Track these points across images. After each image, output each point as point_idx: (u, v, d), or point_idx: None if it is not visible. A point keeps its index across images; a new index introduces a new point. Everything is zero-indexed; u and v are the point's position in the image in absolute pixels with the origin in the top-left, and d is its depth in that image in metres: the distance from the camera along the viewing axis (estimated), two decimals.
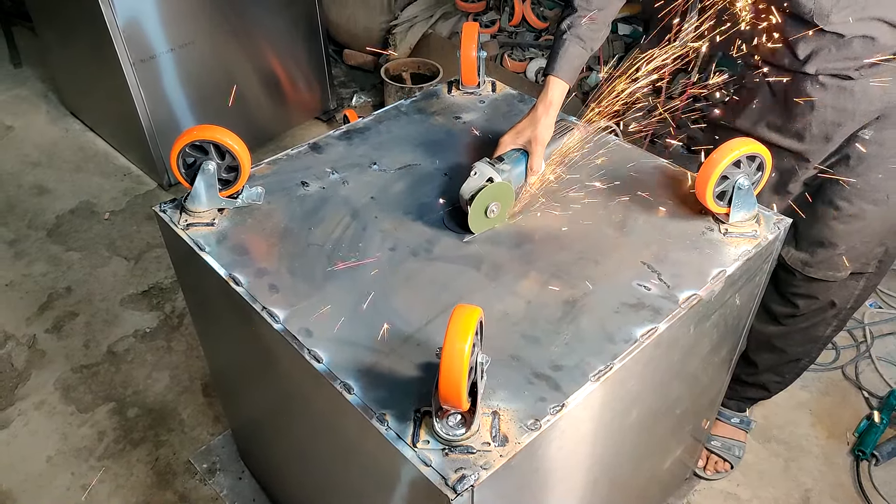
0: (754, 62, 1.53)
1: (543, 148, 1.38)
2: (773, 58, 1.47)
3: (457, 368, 0.89)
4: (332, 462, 1.32)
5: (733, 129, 1.61)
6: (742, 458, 2.05)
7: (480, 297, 1.20)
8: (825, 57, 1.39)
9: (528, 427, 0.99)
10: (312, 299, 1.19)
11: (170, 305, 2.58)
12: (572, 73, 1.41)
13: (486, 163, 1.34)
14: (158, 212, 1.38)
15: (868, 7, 1.30)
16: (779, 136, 1.54)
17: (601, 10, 1.40)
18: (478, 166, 1.33)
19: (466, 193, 1.31)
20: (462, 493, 0.91)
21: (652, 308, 1.17)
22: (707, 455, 2.04)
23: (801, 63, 1.41)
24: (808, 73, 1.42)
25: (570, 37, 1.40)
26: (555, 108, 1.39)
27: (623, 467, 1.43)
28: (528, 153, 1.38)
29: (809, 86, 1.44)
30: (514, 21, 3.47)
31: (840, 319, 1.75)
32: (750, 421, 2.08)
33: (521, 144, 1.39)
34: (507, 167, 1.35)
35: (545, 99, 1.39)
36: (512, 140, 1.40)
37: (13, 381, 2.32)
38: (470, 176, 1.32)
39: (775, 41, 1.44)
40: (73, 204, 3.08)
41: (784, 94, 1.50)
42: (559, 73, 1.40)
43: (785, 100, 1.50)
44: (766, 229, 1.34)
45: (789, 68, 1.45)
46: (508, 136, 1.41)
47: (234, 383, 1.70)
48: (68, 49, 3.19)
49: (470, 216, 1.30)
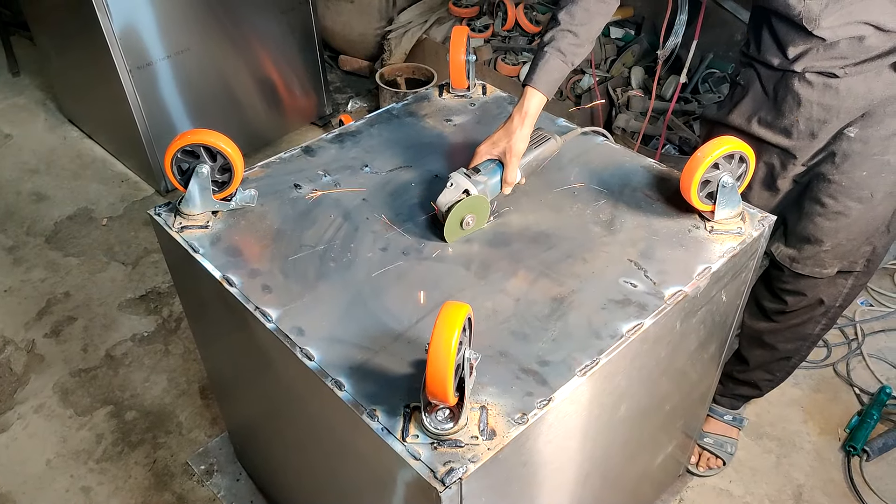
0: (746, 60, 1.56)
1: (518, 160, 1.39)
2: (763, 57, 1.50)
3: (443, 364, 0.91)
4: (326, 459, 1.34)
5: (726, 126, 1.63)
6: (734, 454, 2.07)
7: (469, 295, 1.22)
8: (813, 56, 1.41)
9: (515, 421, 1.01)
10: (305, 299, 1.21)
11: (167, 310, 2.60)
12: (551, 86, 1.42)
13: (462, 174, 1.35)
14: (153, 215, 1.40)
15: (855, 12, 1.33)
16: (769, 132, 1.56)
17: (584, 26, 1.41)
18: (454, 177, 1.34)
19: (443, 206, 1.32)
20: (450, 485, 0.93)
21: (638, 304, 1.20)
22: (700, 452, 2.06)
23: (790, 62, 1.44)
24: (795, 70, 1.45)
25: (551, 50, 1.41)
26: (531, 119, 1.40)
27: (614, 462, 1.45)
28: (503, 164, 1.39)
29: (797, 83, 1.47)
30: (508, 26, 3.50)
31: (829, 318, 1.77)
32: (742, 419, 2.10)
33: (496, 155, 1.40)
34: (482, 178, 1.36)
35: (521, 110, 1.40)
36: (488, 150, 1.41)
37: (12, 385, 2.34)
38: (446, 187, 1.34)
39: (766, 41, 1.47)
40: (71, 210, 3.10)
41: (774, 91, 1.52)
42: (537, 85, 1.41)
43: (775, 97, 1.53)
44: (751, 226, 1.36)
45: (779, 67, 1.48)
46: (484, 147, 1.42)
47: (229, 385, 1.72)
48: (66, 57, 3.21)
49: (446, 228, 1.32)
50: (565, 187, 1.47)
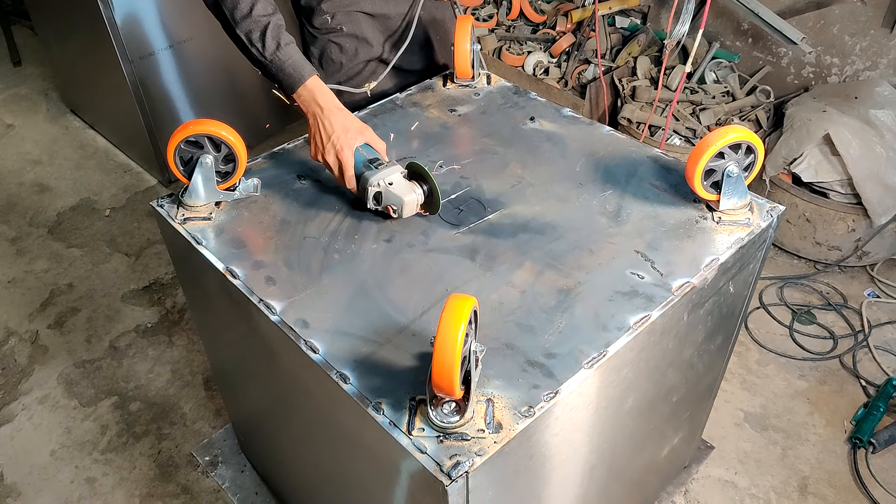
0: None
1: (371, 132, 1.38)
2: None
3: (449, 356, 0.90)
4: (330, 452, 1.33)
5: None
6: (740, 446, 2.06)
7: (475, 287, 1.21)
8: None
9: (522, 414, 1.00)
10: (309, 291, 1.21)
11: (170, 301, 2.60)
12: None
13: (378, 169, 1.32)
14: (156, 207, 1.39)
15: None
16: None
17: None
18: (392, 177, 1.31)
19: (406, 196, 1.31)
20: (457, 479, 0.92)
21: (645, 296, 1.18)
22: None
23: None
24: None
25: (287, 44, 1.38)
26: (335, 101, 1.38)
27: (620, 455, 1.44)
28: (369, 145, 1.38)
29: None
30: (512, 15, 3.47)
31: None
32: None
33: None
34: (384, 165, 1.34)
35: (329, 100, 1.37)
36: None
37: (16, 377, 2.34)
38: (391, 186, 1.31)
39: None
40: (73, 201, 3.09)
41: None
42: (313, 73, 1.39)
43: None
44: (760, 217, 1.35)
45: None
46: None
47: (233, 376, 1.71)
48: (68, 47, 3.20)
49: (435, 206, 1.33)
50: (571, 178, 1.45)
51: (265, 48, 1.36)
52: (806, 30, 2.74)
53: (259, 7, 1.37)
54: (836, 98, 2.57)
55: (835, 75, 2.80)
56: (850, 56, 2.72)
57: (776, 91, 2.90)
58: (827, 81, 2.83)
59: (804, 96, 2.71)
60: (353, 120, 1.37)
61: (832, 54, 2.76)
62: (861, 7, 2.61)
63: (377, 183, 1.30)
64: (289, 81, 1.37)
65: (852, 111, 2.47)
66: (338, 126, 1.34)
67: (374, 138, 1.38)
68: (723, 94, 2.92)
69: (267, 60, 1.37)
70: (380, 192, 1.30)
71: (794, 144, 2.54)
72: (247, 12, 1.36)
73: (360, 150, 1.35)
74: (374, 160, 1.34)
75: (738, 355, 2.36)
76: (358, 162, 1.34)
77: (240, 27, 1.37)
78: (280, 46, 1.36)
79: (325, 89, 1.38)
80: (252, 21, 1.36)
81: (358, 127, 1.37)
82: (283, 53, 1.36)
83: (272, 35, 1.36)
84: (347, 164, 1.33)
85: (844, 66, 2.75)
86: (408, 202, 1.30)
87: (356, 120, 1.38)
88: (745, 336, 2.43)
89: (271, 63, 1.37)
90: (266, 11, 1.37)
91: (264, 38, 1.36)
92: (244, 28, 1.36)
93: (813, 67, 2.84)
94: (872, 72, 2.69)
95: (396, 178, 1.31)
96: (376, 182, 1.30)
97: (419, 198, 1.31)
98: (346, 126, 1.35)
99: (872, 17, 2.60)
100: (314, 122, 1.37)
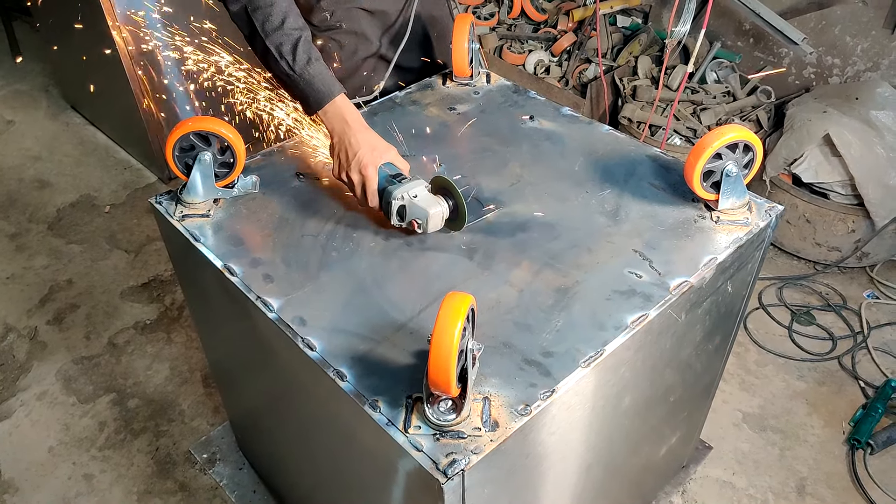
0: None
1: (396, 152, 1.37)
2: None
3: (446, 354, 0.90)
4: (328, 450, 1.33)
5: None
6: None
7: (473, 286, 1.21)
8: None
9: (518, 412, 1.00)
10: (306, 288, 1.20)
11: (170, 298, 2.60)
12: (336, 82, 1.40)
13: (404, 184, 1.30)
14: (154, 203, 1.39)
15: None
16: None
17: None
18: (416, 190, 1.29)
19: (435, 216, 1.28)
20: (453, 477, 0.92)
21: (643, 295, 1.18)
22: None
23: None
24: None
25: (317, 59, 1.38)
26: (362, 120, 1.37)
27: (617, 454, 1.44)
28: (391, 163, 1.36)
29: None
30: (514, 13, 3.46)
31: None
32: None
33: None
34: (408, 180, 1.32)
35: (356, 118, 1.37)
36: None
37: (15, 373, 2.34)
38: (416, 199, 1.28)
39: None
40: (73, 197, 3.09)
41: None
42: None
43: None
44: (758, 217, 1.34)
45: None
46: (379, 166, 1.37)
47: (231, 374, 1.71)
48: (68, 43, 3.19)
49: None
50: (569, 176, 1.45)
51: (295, 61, 1.35)
52: (807, 30, 2.74)
53: (291, 21, 1.36)
54: (836, 99, 2.56)
55: (836, 76, 2.80)
56: (851, 57, 2.72)
57: (777, 91, 2.90)
58: (828, 82, 2.82)
59: (805, 97, 2.71)
60: (379, 139, 1.36)
61: (833, 55, 2.76)
62: (862, 8, 2.61)
63: (401, 196, 1.26)
64: (317, 97, 1.36)
65: (853, 112, 2.47)
66: (364, 144, 1.33)
67: (399, 158, 1.37)
68: (724, 94, 2.92)
69: (296, 74, 1.36)
70: (403, 206, 1.27)
71: (795, 145, 2.54)
72: (278, 24, 1.35)
73: (383, 168, 1.33)
74: (398, 175, 1.32)
75: (737, 355, 2.36)
76: (381, 178, 1.32)
77: (270, 39, 1.36)
78: (311, 61, 1.36)
79: (352, 107, 1.38)
80: (283, 34, 1.35)
81: (384, 146, 1.36)
82: (314, 69, 1.36)
83: (304, 49, 1.36)
84: (371, 179, 1.31)
85: (845, 66, 2.75)
86: (433, 215, 1.26)
87: (382, 140, 1.37)
88: (743, 336, 2.42)
89: (300, 77, 1.36)
90: (297, 25, 1.37)
91: (295, 51, 1.35)
92: (275, 40, 1.36)
93: (814, 68, 2.84)
94: (874, 73, 2.69)
95: (421, 192, 1.28)
96: (400, 195, 1.27)
97: (444, 211, 1.28)
98: (373, 145, 1.34)
99: (874, 18, 2.60)
100: (339, 139, 1.35)
